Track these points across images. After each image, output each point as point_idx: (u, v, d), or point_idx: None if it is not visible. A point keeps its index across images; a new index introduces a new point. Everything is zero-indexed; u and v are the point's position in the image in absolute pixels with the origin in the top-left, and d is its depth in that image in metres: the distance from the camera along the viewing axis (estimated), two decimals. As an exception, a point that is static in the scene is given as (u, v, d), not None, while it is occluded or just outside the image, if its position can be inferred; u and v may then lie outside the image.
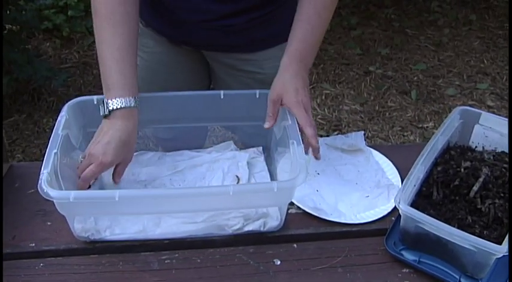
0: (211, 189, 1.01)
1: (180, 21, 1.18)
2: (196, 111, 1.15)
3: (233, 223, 1.00)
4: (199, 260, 0.96)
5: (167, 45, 1.28)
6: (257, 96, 1.12)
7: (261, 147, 1.20)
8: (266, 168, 1.16)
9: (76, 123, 1.07)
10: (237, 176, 1.12)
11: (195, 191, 0.99)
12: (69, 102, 1.07)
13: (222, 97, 1.12)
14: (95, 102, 1.06)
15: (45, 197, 0.87)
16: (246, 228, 1.00)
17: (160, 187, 1.10)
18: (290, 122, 1.04)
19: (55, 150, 0.95)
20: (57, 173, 0.94)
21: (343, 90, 2.97)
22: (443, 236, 0.90)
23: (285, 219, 1.02)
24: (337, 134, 1.28)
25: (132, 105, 1.01)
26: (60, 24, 3.23)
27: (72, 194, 0.87)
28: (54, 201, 0.89)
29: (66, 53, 3.24)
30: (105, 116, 1.01)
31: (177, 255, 0.97)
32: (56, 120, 1.01)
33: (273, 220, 1.01)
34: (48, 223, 1.03)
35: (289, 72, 1.07)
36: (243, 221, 1.00)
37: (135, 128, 1.03)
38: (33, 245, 0.99)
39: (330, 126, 2.68)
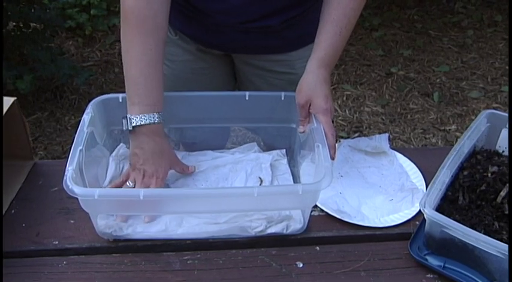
0: (236, 190, 1.01)
1: (214, 25, 1.17)
2: (220, 112, 1.15)
3: (256, 225, 0.99)
4: (221, 261, 0.96)
5: (195, 53, 1.27)
6: (282, 98, 1.12)
7: (284, 150, 1.20)
8: (289, 170, 1.15)
9: (101, 121, 1.08)
10: (260, 178, 1.11)
11: (220, 191, 0.99)
12: (94, 100, 1.08)
13: (247, 98, 1.11)
14: (120, 100, 1.07)
15: (70, 193, 0.88)
16: (269, 231, 0.99)
17: (183, 187, 1.10)
18: (315, 125, 1.03)
19: (80, 147, 0.96)
20: (81, 170, 0.94)
21: (365, 91, 2.95)
22: (469, 242, 0.88)
23: (308, 222, 1.01)
24: (358, 136, 1.26)
25: (156, 121, 1.02)
26: (83, 23, 3.26)
27: (97, 191, 0.87)
28: (79, 198, 0.89)
29: (88, 52, 3.27)
30: (130, 131, 1.03)
31: (199, 255, 0.97)
32: (78, 118, 1.01)
33: (296, 223, 1.00)
34: (71, 221, 1.03)
35: (318, 76, 1.06)
36: (265, 223, 0.99)
37: (162, 140, 1.05)
38: (57, 242, 0.99)
39: (350, 128, 2.66)
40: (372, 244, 1.00)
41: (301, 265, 0.96)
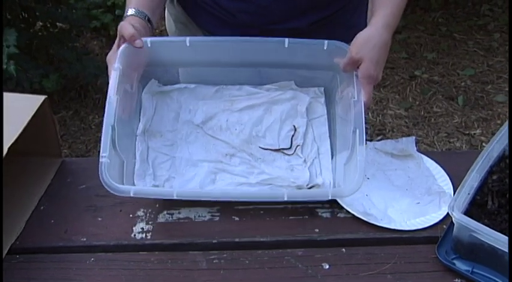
0: (266, 192, 1.02)
1: (241, 26, 1.17)
2: (256, 58, 1.12)
3: (286, 191, 1.02)
4: (247, 261, 0.96)
5: None
6: (325, 48, 1.06)
7: (322, 88, 1.17)
8: (325, 112, 1.14)
9: (130, 67, 1.05)
10: (294, 126, 1.11)
11: (251, 193, 1.02)
12: (121, 49, 1.03)
13: (286, 45, 1.06)
14: (149, 45, 1.05)
15: (105, 187, 0.90)
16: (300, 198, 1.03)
17: (216, 129, 1.11)
18: (356, 98, 0.98)
19: (112, 123, 0.96)
20: (115, 146, 0.96)
21: (388, 94, 2.93)
22: (499, 247, 0.87)
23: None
24: (380, 139, 1.26)
25: (133, 13, 1.06)
26: (108, 23, 3.29)
27: (133, 189, 0.92)
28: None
29: (112, 52, 3.30)
30: None
31: (225, 255, 0.97)
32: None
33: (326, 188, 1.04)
34: (99, 219, 1.05)
35: (381, 37, 0.99)
36: (295, 190, 1.02)
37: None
38: (85, 239, 1.01)
39: (373, 131, 2.65)
40: (399, 247, 1.00)
41: (327, 266, 0.95)
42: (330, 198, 0.90)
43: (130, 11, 1.07)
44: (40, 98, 1.08)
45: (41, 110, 1.07)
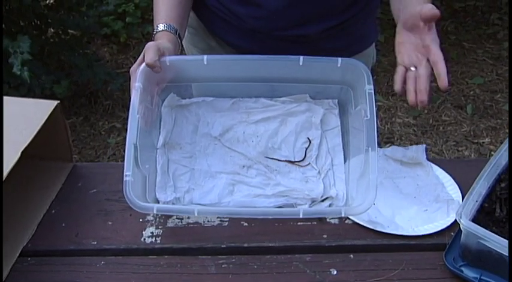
0: (283, 210, 1.05)
1: (249, 31, 1.19)
2: (271, 75, 1.12)
3: (301, 203, 1.04)
4: (255, 266, 0.97)
5: None
6: (338, 65, 1.06)
7: (336, 100, 1.18)
8: (339, 123, 1.15)
9: (150, 84, 1.06)
10: (308, 139, 1.12)
11: (269, 211, 1.03)
12: (141, 69, 1.00)
13: (301, 64, 1.06)
14: (168, 64, 1.04)
15: (130, 205, 0.91)
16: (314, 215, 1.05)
17: (233, 141, 1.13)
18: (369, 117, 0.99)
19: (134, 142, 0.96)
20: (138, 163, 0.97)
21: (396, 102, 2.93)
22: (507, 254, 0.87)
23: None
24: (389, 147, 1.27)
25: (164, 28, 1.07)
26: (118, 30, 3.32)
27: (156, 207, 0.93)
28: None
29: (122, 58, 3.33)
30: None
31: (234, 260, 0.98)
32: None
33: (339, 201, 1.04)
34: (109, 223, 1.06)
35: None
36: (310, 203, 1.04)
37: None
38: (95, 243, 1.02)
39: (382, 139, 2.65)
40: (406, 254, 1.00)
41: (335, 272, 0.96)
42: (343, 215, 0.91)
43: (161, 26, 1.07)
44: (53, 103, 1.10)
45: (54, 115, 1.08)
